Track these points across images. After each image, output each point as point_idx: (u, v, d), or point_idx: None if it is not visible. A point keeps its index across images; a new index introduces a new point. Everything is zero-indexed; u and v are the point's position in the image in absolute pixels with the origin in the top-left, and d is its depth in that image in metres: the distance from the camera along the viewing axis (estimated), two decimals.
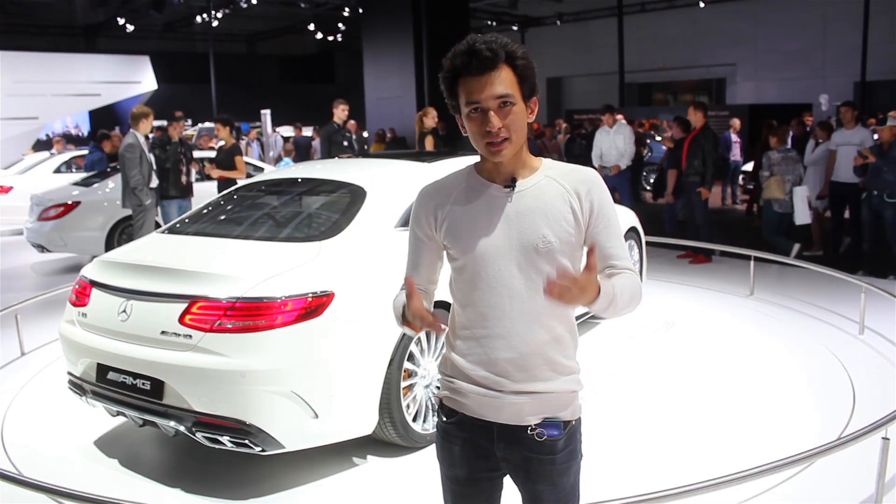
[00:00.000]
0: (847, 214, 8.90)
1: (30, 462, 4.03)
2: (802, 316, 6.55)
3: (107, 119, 25.89)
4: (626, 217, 6.83)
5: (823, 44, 25.44)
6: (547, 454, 1.88)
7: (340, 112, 9.79)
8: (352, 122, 13.02)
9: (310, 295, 3.55)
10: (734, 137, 14.20)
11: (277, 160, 17.09)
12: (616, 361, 5.41)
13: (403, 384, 3.94)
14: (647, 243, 7.28)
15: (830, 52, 25.13)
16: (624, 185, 10.50)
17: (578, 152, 13.58)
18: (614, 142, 10.46)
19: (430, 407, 4.16)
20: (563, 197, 1.87)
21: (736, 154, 14.21)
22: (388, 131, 16.45)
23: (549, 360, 1.87)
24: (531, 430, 1.87)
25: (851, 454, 3.50)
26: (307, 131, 19.09)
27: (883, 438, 3.25)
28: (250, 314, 3.45)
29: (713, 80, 30.85)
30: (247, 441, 3.43)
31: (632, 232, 6.78)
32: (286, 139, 18.05)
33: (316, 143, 18.25)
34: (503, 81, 1.79)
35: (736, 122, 14.56)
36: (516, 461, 1.91)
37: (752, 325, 6.34)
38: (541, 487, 1.91)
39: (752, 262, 7.41)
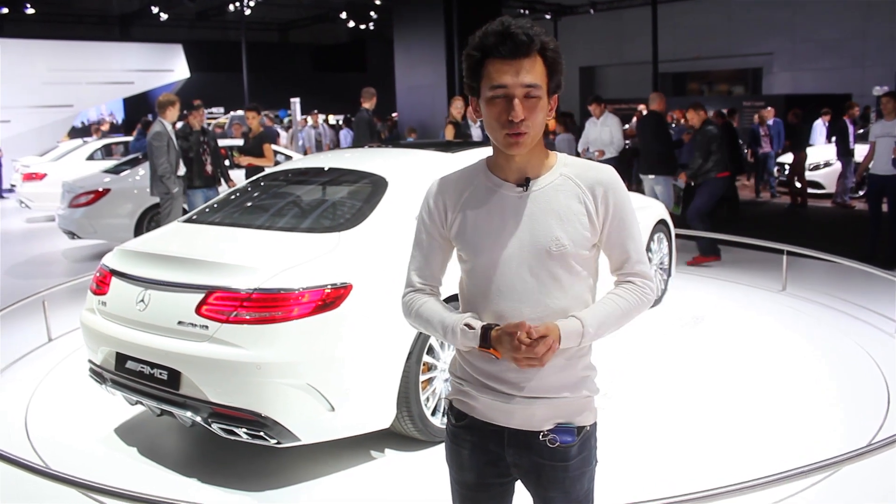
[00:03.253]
0: (885, 208, 8.64)
1: (50, 449, 4.06)
2: (836, 313, 6.36)
3: (141, 107, 26.17)
4: (656, 209, 6.70)
5: (864, 33, 24.82)
6: (559, 461, 1.81)
7: (374, 102, 10.47)
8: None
9: (328, 286, 3.50)
10: (762, 130, 14.04)
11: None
12: (642, 357, 5.30)
13: (422, 378, 3.88)
14: (678, 236, 7.14)
15: (871, 41, 24.51)
16: None
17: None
18: (600, 133, 10.38)
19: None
20: (578, 197, 1.78)
21: (765, 146, 14.05)
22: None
23: (562, 364, 1.79)
24: (543, 437, 1.80)
25: (885, 459, 3.37)
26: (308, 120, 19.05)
27: None
28: (267, 305, 3.41)
29: (749, 69, 30.29)
30: (262, 433, 3.40)
31: (661, 224, 6.65)
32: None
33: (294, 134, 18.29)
34: (534, 71, 1.70)
35: (765, 114, 14.31)
36: (527, 467, 1.84)
37: (783, 321, 6.17)
38: (553, 494, 1.84)
39: (784, 257, 7.23)
